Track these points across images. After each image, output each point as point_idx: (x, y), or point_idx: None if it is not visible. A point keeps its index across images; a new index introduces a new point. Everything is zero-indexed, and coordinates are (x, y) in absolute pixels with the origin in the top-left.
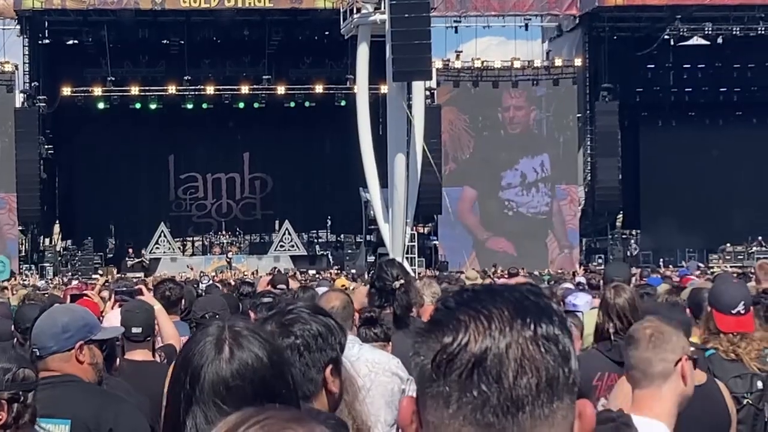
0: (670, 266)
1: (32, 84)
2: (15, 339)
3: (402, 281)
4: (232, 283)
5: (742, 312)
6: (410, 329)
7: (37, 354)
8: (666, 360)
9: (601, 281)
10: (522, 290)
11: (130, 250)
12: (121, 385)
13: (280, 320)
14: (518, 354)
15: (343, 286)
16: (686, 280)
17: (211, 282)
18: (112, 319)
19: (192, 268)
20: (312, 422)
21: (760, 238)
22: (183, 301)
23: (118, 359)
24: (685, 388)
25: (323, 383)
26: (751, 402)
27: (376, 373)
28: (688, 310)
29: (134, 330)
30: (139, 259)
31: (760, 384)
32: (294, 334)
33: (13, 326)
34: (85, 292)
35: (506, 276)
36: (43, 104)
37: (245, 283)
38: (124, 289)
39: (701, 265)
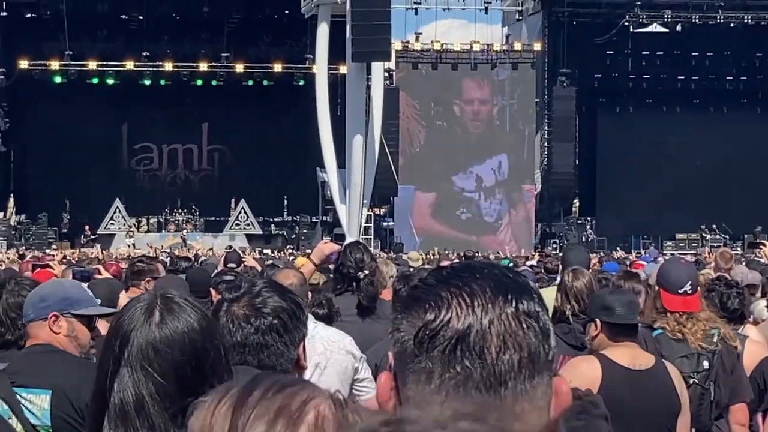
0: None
1: None
2: None
3: (367, 271)
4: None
5: (689, 292)
6: (377, 314)
7: (22, 321)
8: None
9: (560, 266)
10: (500, 267)
11: (86, 228)
12: None
13: (251, 302)
14: (501, 330)
15: (302, 265)
16: (637, 266)
17: (169, 258)
18: None
19: (152, 246)
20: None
21: (714, 226)
22: (148, 276)
23: None
24: None
25: (297, 360)
26: (697, 381)
27: (331, 350)
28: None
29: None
30: (93, 237)
31: (706, 364)
32: (270, 315)
33: None
34: (47, 262)
35: (462, 259)
36: (2, 77)
37: (182, 258)
38: (81, 269)
39: (661, 251)
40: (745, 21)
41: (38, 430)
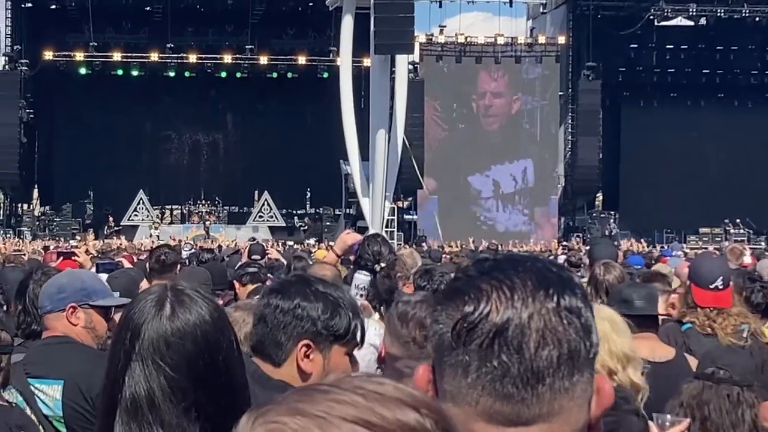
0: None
1: (14, 47)
2: None
3: (383, 264)
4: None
5: (720, 287)
6: (391, 310)
7: (39, 312)
8: None
9: (587, 259)
10: (544, 261)
11: (110, 218)
12: None
13: (283, 280)
14: (540, 325)
15: (324, 257)
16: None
17: (193, 250)
18: None
19: (174, 239)
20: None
21: (738, 220)
22: (179, 266)
23: None
24: None
25: (295, 357)
26: None
27: None
28: None
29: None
30: (117, 228)
31: None
32: (281, 294)
33: None
34: (73, 250)
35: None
36: (25, 68)
37: (205, 250)
38: (107, 262)
39: (684, 245)
40: None
41: (50, 421)
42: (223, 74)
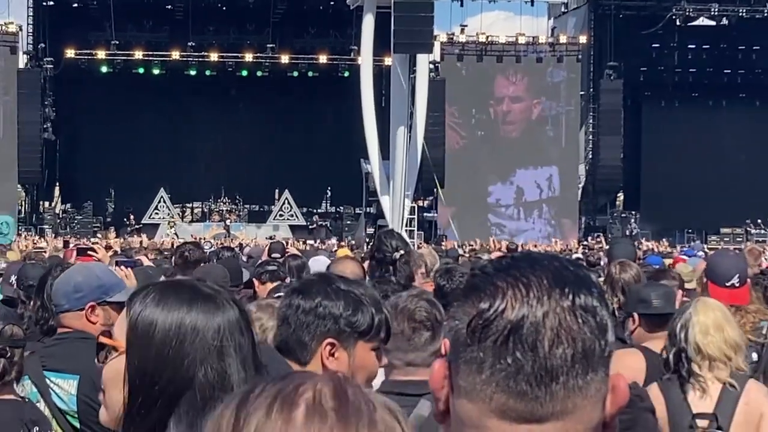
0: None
1: (37, 45)
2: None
3: (402, 252)
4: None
5: (737, 285)
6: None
7: (54, 311)
8: None
9: (601, 259)
10: (561, 259)
11: (131, 216)
12: None
13: (303, 279)
14: (555, 323)
15: (345, 256)
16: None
17: (213, 248)
18: None
19: (195, 237)
20: (318, 375)
21: (759, 220)
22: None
23: None
24: None
25: (320, 357)
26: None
27: None
28: None
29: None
30: (138, 226)
31: (755, 356)
32: (302, 294)
33: (16, 284)
34: (92, 245)
35: (504, 251)
36: (49, 65)
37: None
38: (125, 259)
39: (705, 245)
40: None
41: (65, 415)
42: (244, 73)
